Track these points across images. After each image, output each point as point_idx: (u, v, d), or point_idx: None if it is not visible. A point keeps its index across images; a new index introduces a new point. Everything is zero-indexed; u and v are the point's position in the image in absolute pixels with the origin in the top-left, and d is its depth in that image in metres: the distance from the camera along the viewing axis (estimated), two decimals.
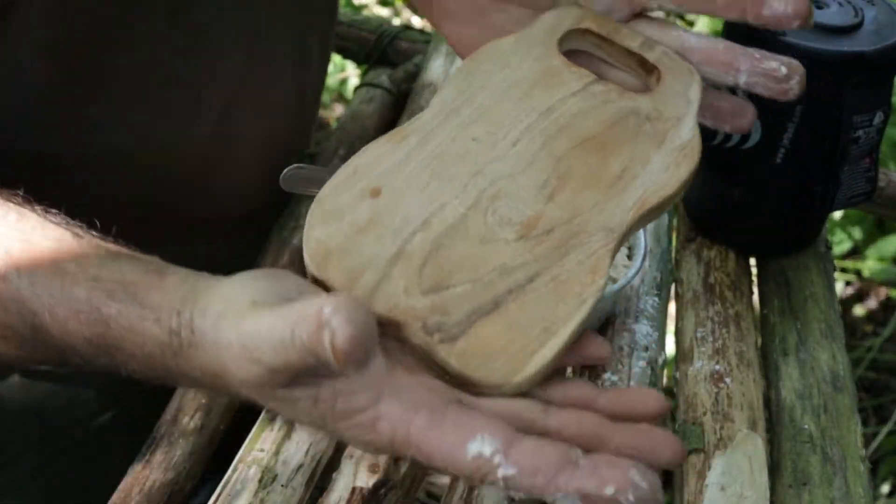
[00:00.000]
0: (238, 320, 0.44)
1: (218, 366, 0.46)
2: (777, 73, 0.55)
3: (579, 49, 0.59)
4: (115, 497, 0.61)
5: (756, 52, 0.57)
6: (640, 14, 0.60)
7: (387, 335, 0.47)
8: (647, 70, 0.57)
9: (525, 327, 0.47)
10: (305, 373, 0.43)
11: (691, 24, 1.94)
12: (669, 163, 0.53)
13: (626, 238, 0.52)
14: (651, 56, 0.57)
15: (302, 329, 0.41)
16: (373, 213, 0.50)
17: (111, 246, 0.53)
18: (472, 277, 0.48)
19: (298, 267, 0.80)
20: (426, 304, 0.47)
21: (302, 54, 0.78)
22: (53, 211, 0.55)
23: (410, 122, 0.55)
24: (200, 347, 0.46)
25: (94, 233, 0.54)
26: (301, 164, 0.65)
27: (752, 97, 0.73)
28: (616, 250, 0.51)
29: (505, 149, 0.53)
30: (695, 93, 0.56)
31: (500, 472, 0.42)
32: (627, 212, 0.51)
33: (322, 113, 1.93)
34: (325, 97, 1.96)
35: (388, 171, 0.52)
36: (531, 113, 0.55)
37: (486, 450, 0.42)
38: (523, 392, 0.47)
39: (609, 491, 0.41)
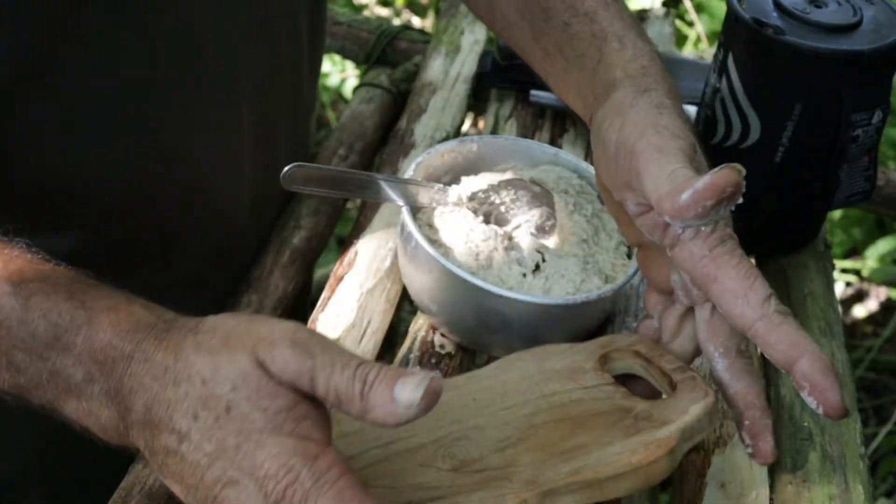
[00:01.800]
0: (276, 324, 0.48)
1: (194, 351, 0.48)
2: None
3: (631, 373, 0.60)
4: (115, 496, 0.61)
5: (748, 413, 0.56)
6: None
7: None
8: (672, 387, 0.58)
9: None
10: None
11: (690, 23, 1.94)
12: (627, 449, 0.53)
13: (548, 499, 0.52)
14: (678, 377, 0.58)
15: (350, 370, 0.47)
16: (359, 425, 0.53)
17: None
18: (390, 485, 0.52)
19: (300, 265, 0.80)
20: None
21: (296, 31, 0.77)
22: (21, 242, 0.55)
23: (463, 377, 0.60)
24: (194, 333, 0.49)
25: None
26: (301, 163, 0.65)
27: (754, 99, 0.73)
28: None
29: (494, 411, 0.56)
30: (696, 409, 0.55)
31: None
32: (559, 475, 0.52)
33: (322, 113, 1.93)
34: (325, 97, 1.96)
35: None
36: (536, 393, 0.58)
37: None
38: None
39: None
